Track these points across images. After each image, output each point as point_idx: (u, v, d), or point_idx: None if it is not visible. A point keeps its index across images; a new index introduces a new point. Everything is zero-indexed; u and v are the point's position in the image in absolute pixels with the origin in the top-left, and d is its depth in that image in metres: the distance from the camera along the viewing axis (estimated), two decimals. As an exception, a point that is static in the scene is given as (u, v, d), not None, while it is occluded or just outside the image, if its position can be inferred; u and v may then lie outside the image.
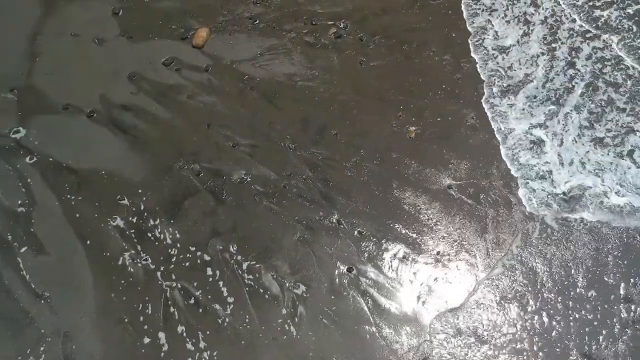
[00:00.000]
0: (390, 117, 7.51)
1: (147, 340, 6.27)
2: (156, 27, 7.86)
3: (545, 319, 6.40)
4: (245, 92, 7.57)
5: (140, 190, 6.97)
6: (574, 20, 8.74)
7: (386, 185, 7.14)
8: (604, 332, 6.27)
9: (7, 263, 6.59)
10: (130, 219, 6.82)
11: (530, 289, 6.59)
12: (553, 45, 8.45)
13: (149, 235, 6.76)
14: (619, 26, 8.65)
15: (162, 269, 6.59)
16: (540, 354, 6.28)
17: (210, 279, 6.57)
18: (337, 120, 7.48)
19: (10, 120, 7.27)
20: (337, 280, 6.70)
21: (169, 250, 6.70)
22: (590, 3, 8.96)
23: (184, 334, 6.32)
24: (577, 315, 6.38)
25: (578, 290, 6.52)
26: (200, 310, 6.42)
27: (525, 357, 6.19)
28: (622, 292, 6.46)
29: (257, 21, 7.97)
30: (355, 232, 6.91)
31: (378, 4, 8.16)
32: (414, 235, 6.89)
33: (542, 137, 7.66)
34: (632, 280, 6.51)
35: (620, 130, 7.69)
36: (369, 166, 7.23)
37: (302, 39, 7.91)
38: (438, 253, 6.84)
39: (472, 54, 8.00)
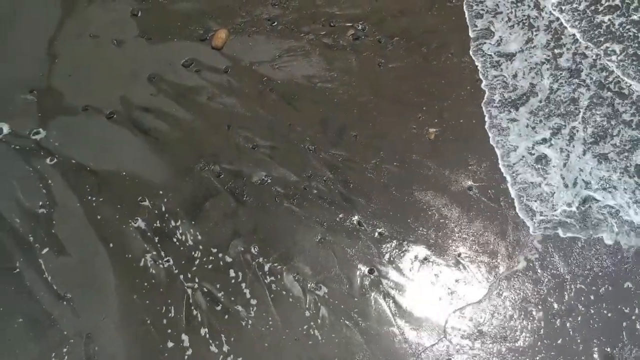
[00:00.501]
0: (410, 119, 7.51)
1: (170, 341, 6.27)
2: (175, 29, 7.86)
3: (567, 320, 6.41)
4: (264, 93, 7.58)
5: (161, 192, 6.97)
6: (575, 27, 8.50)
7: (406, 187, 7.15)
8: (628, 334, 6.28)
9: (29, 264, 6.59)
10: (152, 220, 6.82)
11: (552, 291, 6.60)
12: (556, 50, 8.24)
13: (171, 236, 6.76)
14: (623, 34, 8.38)
15: (184, 270, 6.59)
16: (561, 356, 6.30)
17: (233, 281, 6.57)
18: (356, 122, 7.49)
19: (30, 122, 7.27)
20: (358, 281, 6.70)
21: (191, 252, 6.69)
22: (592, 7, 8.69)
23: (207, 336, 6.32)
24: (598, 317, 6.39)
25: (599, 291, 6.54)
26: (223, 312, 6.42)
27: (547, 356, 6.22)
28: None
29: (276, 23, 7.98)
30: (376, 234, 6.92)
31: (396, 5, 8.17)
32: (435, 237, 6.90)
33: (546, 154, 7.48)
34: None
35: (626, 146, 7.52)
36: (388, 168, 7.23)
37: (320, 40, 7.92)
38: (459, 255, 6.84)
39: (477, 63, 7.93)
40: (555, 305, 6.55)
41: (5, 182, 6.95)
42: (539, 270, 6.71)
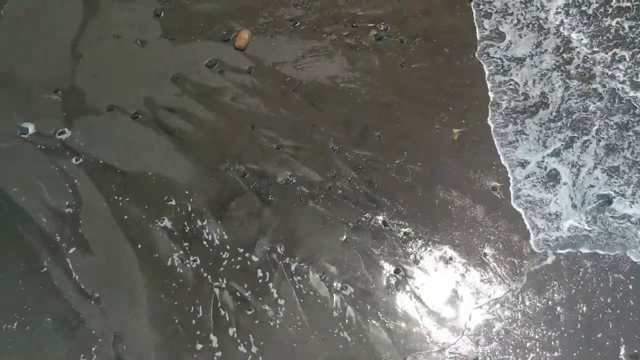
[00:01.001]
0: (433, 119, 7.53)
1: (198, 341, 6.29)
2: (198, 29, 7.87)
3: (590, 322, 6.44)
4: (287, 94, 7.59)
5: (187, 192, 6.98)
6: (581, 31, 8.26)
7: (430, 187, 7.15)
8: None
9: (56, 264, 6.60)
10: (178, 220, 6.83)
11: (578, 292, 6.62)
12: (565, 56, 8.02)
13: (197, 236, 6.77)
14: (634, 39, 8.09)
15: (211, 270, 6.61)
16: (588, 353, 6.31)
17: (260, 281, 6.59)
18: (379, 122, 7.50)
19: (55, 121, 7.29)
20: (384, 281, 6.72)
21: (218, 252, 6.71)
22: (602, 10, 8.47)
23: (236, 336, 6.33)
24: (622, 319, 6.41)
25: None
26: (251, 311, 6.43)
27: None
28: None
29: (298, 23, 7.99)
30: (401, 234, 6.93)
31: (418, 6, 8.18)
32: (460, 237, 6.90)
33: (557, 169, 7.29)
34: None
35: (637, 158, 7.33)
36: (412, 168, 7.25)
37: (343, 41, 7.93)
38: (484, 254, 6.85)
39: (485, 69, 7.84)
40: (581, 305, 6.57)
41: (32, 182, 6.96)
42: (565, 269, 6.73)
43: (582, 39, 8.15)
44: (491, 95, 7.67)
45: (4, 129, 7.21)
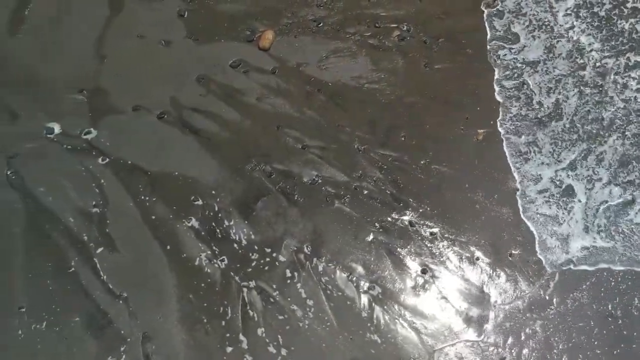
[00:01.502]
0: (457, 119, 7.54)
1: (227, 341, 6.29)
2: (221, 29, 7.88)
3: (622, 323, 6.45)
4: (312, 94, 7.60)
5: (213, 192, 6.99)
6: (594, 36, 8.05)
7: (456, 187, 7.17)
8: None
9: (83, 263, 6.60)
10: (205, 219, 6.83)
11: (608, 290, 6.64)
12: (579, 61, 7.85)
13: (225, 236, 6.78)
14: None
15: (239, 270, 6.61)
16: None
17: (289, 281, 6.59)
18: (404, 123, 7.51)
19: (80, 121, 7.29)
20: (412, 281, 6.72)
21: (245, 251, 6.71)
22: (616, 11, 8.26)
23: (264, 336, 6.33)
24: None
25: None
26: (280, 312, 6.44)
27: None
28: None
29: (321, 24, 8.00)
30: (428, 234, 6.94)
31: (440, 7, 8.20)
32: (486, 237, 6.92)
33: (571, 185, 7.13)
34: None
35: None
36: (438, 168, 7.26)
37: (366, 41, 7.94)
38: (510, 254, 6.86)
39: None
40: (610, 307, 6.58)
41: (58, 182, 6.96)
42: (591, 271, 6.74)
43: (593, 43, 8.04)
44: (499, 99, 7.66)
45: (29, 129, 7.21)
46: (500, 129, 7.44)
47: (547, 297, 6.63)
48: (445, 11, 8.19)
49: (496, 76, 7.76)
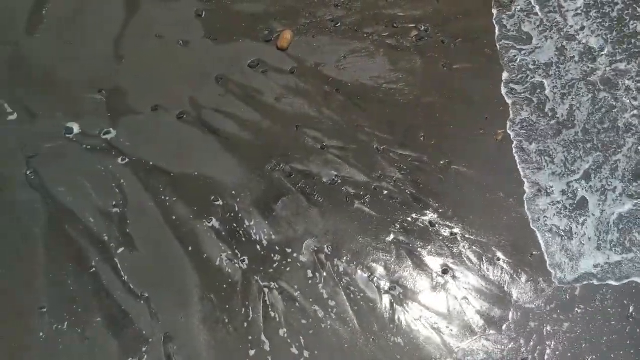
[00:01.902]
0: (477, 120, 7.52)
1: (249, 343, 6.27)
2: (240, 29, 7.87)
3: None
4: (330, 94, 7.59)
5: (233, 192, 6.97)
6: (602, 37, 7.88)
7: (476, 188, 7.15)
8: None
9: (104, 264, 6.59)
10: (226, 220, 6.82)
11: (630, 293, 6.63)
12: (590, 65, 7.70)
13: (245, 236, 6.76)
14: None
15: (260, 270, 6.59)
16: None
17: (310, 282, 6.57)
18: (423, 123, 7.50)
19: (100, 121, 7.28)
20: (432, 282, 6.70)
21: (266, 252, 6.69)
22: (627, 12, 8.11)
23: (286, 336, 6.31)
24: None
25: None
26: (301, 313, 6.42)
27: None
28: None
29: (339, 24, 7.99)
30: (449, 234, 6.92)
31: (458, 7, 8.18)
32: (507, 237, 6.89)
33: (584, 196, 6.95)
34: None
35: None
36: (457, 168, 7.24)
37: (384, 41, 7.93)
38: (531, 255, 6.85)
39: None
40: (632, 309, 6.56)
41: (78, 182, 6.96)
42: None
43: (604, 46, 7.93)
44: (509, 101, 7.62)
45: (49, 129, 7.20)
46: (509, 132, 7.40)
47: (567, 298, 6.61)
48: (463, 11, 8.18)
49: (504, 78, 7.71)
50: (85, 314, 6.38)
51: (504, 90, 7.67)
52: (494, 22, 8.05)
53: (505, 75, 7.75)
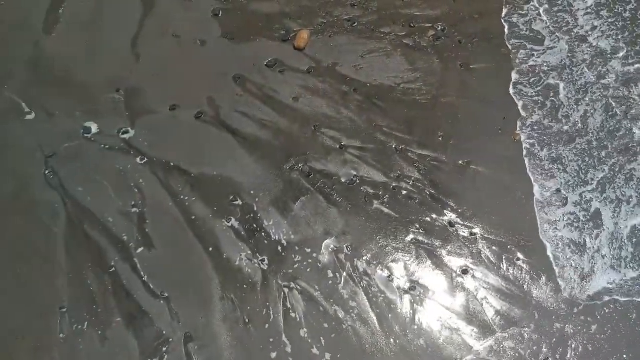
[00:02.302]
0: (495, 120, 7.51)
1: (269, 342, 6.24)
2: (256, 29, 7.87)
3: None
4: (348, 94, 7.58)
5: (252, 192, 6.96)
6: (613, 38, 7.74)
7: (495, 188, 7.13)
8: None
9: (124, 263, 6.57)
10: (245, 219, 6.80)
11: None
12: (602, 70, 7.56)
13: (265, 236, 6.74)
14: None
15: (279, 270, 6.58)
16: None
17: (330, 282, 6.55)
18: (441, 122, 7.48)
19: (118, 121, 7.27)
20: (452, 282, 6.68)
21: (285, 252, 6.68)
22: None
23: (307, 336, 6.29)
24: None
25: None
26: (322, 313, 6.40)
27: None
28: None
29: (356, 23, 7.99)
30: (468, 234, 6.90)
31: (474, 7, 8.18)
32: (526, 238, 6.87)
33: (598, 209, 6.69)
34: None
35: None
36: (476, 168, 7.22)
37: (401, 41, 7.92)
38: (553, 256, 6.82)
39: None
40: (654, 307, 6.53)
41: (97, 182, 6.95)
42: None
43: (616, 48, 7.83)
44: (518, 103, 7.58)
45: (67, 129, 7.20)
46: (520, 133, 7.35)
47: (591, 299, 6.57)
48: (480, 11, 8.17)
49: (513, 78, 7.64)
50: (105, 314, 6.36)
51: (512, 91, 7.65)
52: (502, 21, 8.01)
53: (514, 75, 7.73)
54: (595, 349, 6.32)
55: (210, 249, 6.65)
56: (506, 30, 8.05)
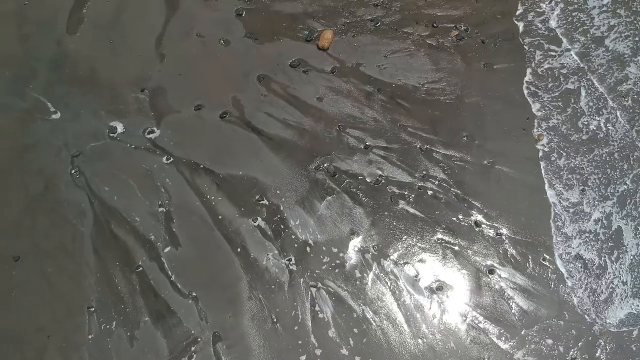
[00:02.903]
0: (519, 120, 7.51)
1: (298, 343, 6.25)
2: (280, 29, 7.88)
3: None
4: (372, 94, 7.58)
5: (278, 192, 6.96)
6: (630, 39, 7.50)
7: (521, 188, 7.12)
8: None
9: (152, 263, 6.58)
10: (271, 219, 6.81)
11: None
12: (617, 75, 7.36)
13: (291, 236, 6.75)
14: None
15: (306, 270, 6.58)
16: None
17: (358, 282, 6.55)
18: (465, 123, 7.48)
19: (143, 120, 7.28)
20: (479, 282, 6.68)
21: (312, 252, 6.68)
22: None
23: (334, 336, 6.29)
24: None
25: None
26: (350, 313, 6.40)
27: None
28: None
29: (379, 24, 7.99)
30: (494, 234, 6.89)
31: (497, 7, 8.18)
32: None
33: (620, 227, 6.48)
34: None
35: None
36: (501, 169, 7.22)
37: (424, 41, 7.92)
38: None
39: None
40: (682, 308, 6.52)
41: (123, 181, 6.96)
42: (662, 273, 6.68)
43: (636, 52, 7.62)
44: (532, 105, 7.55)
45: (93, 128, 7.22)
46: (537, 146, 7.30)
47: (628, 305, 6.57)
48: (503, 12, 8.17)
49: (527, 78, 7.61)
50: (133, 314, 6.38)
51: (525, 92, 7.64)
52: (515, 21, 7.97)
53: (528, 75, 7.71)
54: (626, 350, 6.31)
55: (238, 249, 6.66)
56: (521, 29, 8.02)
